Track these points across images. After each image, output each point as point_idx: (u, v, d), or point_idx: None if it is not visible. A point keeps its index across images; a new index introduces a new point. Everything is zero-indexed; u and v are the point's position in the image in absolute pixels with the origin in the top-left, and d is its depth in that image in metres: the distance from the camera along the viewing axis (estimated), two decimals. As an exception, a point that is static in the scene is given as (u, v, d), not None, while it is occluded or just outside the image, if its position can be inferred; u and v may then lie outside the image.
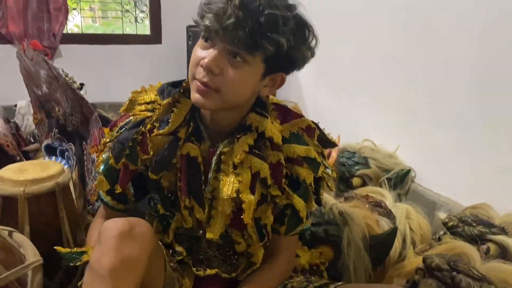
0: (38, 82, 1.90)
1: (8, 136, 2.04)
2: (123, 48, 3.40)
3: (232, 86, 0.85)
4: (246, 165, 0.93)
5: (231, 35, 0.80)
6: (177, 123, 0.94)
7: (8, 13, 2.98)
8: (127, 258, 0.81)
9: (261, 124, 0.93)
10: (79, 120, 1.71)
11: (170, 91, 0.98)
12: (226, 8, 0.80)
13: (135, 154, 0.96)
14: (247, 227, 0.95)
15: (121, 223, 0.84)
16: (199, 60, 0.86)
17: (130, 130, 0.97)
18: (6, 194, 1.23)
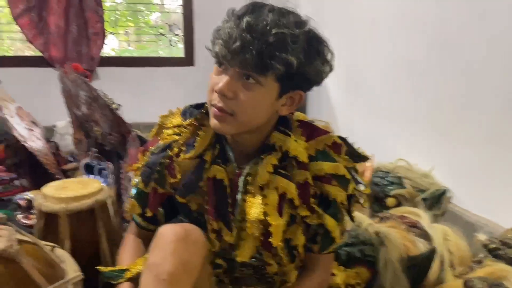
0: (78, 103, 1.98)
1: (49, 155, 2.12)
2: (158, 71, 3.49)
3: (246, 109, 0.85)
4: (272, 186, 0.92)
5: (239, 58, 0.81)
6: (202, 147, 0.95)
7: (50, 38, 3.13)
8: (185, 262, 0.83)
9: (284, 143, 0.92)
10: (117, 139, 1.76)
11: (192, 112, 0.99)
12: (233, 32, 0.81)
13: (163, 178, 0.98)
14: (277, 249, 0.94)
15: (178, 229, 0.86)
16: (213, 86, 0.87)
17: (157, 155, 0.99)
18: (49, 210, 1.27)
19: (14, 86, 2.48)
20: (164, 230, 0.88)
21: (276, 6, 0.85)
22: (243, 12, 0.83)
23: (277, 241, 0.91)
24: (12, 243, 0.94)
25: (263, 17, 0.81)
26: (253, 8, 0.84)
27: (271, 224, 0.90)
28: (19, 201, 1.85)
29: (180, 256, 0.83)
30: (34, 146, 2.03)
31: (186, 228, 0.88)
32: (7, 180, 2.12)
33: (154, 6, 3.93)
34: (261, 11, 0.82)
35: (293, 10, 0.87)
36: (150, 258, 0.86)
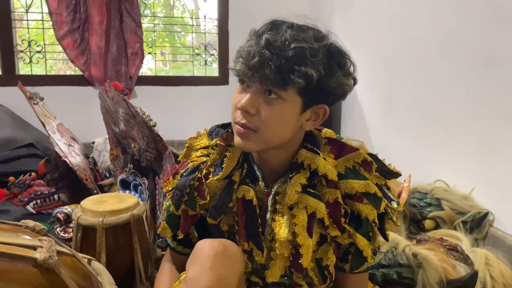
0: (117, 120, 2.04)
1: (87, 171, 2.18)
2: (193, 89, 3.57)
3: (269, 125, 0.85)
4: (301, 205, 0.90)
5: (259, 74, 0.82)
6: (230, 168, 0.95)
7: (91, 58, 3.26)
8: (223, 277, 0.84)
9: (313, 162, 0.91)
10: (153, 156, 1.79)
11: (218, 132, 1.00)
12: (252, 49, 0.82)
13: (193, 200, 0.98)
14: (308, 269, 0.93)
15: (216, 244, 0.87)
16: (236, 103, 0.88)
17: (187, 177, 0.99)
18: (87, 224, 1.30)
19: (56, 103, 2.57)
20: (202, 244, 0.88)
21: (295, 23, 0.86)
22: (262, 30, 0.85)
23: (307, 262, 0.90)
24: (51, 254, 0.95)
25: (282, 33, 0.82)
26: (272, 25, 0.86)
27: (301, 244, 0.89)
28: (58, 215, 1.90)
29: (218, 271, 0.84)
30: (73, 161, 2.09)
31: (224, 244, 0.89)
32: (46, 194, 2.18)
33: (190, 27, 4.03)
34: (280, 28, 0.84)
35: (313, 26, 0.87)
36: (187, 273, 0.86)
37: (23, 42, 3.38)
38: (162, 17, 4.10)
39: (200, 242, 0.89)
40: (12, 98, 2.97)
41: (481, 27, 1.82)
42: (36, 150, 2.77)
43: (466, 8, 1.91)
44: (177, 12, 4.55)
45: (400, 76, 2.49)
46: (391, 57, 2.58)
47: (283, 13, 0.92)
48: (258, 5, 3.37)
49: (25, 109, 2.67)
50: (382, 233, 0.98)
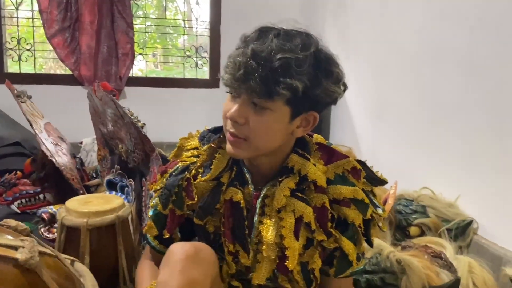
0: (105, 121, 2.02)
1: (74, 171, 2.16)
2: (183, 91, 3.56)
3: (258, 134, 0.86)
4: (289, 209, 0.92)
5: (245, 86, 0.82)
6: (219, 169, 0.96)
7: (81, 58, 3.24)
8: (193, 281, 0.83)
9: (303, 167, 0.92)
10: (140, 157, 1.78)
11: (210, 137, 1.01)
12: (238, 60, 0.82)
13: (181, 199, 0.99)
14: (293, 272, 0.93)
15: (188, 247, 0.87)
16: (226, 112, 0.89)
17: (176, 177, 1.00)
18: (71, 224, 1.29)
19: (44, 102, 2.55)
20: (174, 247, 0.89)
21: (284, 29, 0.86)
22: (250, 38, 0.86)
23: (293, 264, 0.90)
24: (33, 255, 0.94)
25: (268, 43, 0.82)
26: (259, 34, 0.85)
27: (287, 247, 0.90)
28: (42, 215, 1.88)
29: (188, 274, 0.84)
30: (60, 161, 2.07)
31: (196, 247, 0.89)
32: (32, 194, 2.16)
33: (182, 29, 4.03)
34: (266, 37, 0.84)
35: (302, 31, 0.88)
36: (159, 276, 0.86)
37: (13, 39, 3.35)
38: (154, 19, 4.09)
39: (172, 245, 0.90)
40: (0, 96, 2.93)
41: (471, 37, 1.85)
42: (22, 149, 2.73)
43: (457, 18, 1.93)
44: (170, 14, 4.54)
45: (390, 83, 2.51)
46: (381, 64, 2.60)
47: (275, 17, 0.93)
48: (251, 9, 3.38)
49: (12, 107, 2.65)
50: (367, 238, 0.99)
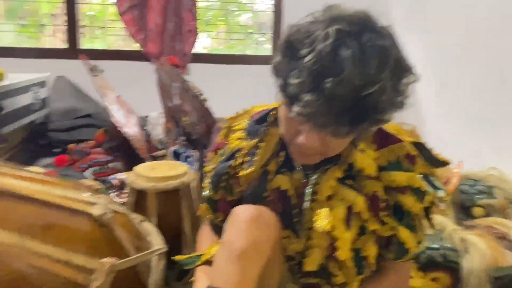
0: (171, 94, 2.11)
1: (142, 142, 2.28)
2: (245, 68, 3.59)
3: (334, 150, 0.82)
4: (338, 198, 0.89)
5: (321, 128, 0.73)
6: (264, 159, 0.95)
7: (149, 34, 3.36)
8: (257, 242, 0.85)
9: (350, 154, 0.88)
10: (203, 129, 1.85)
11: (257, 131, 0.98)
12: (315, 100, 0.69)
13: (230, 186, 1.00)
14: (345, 260, 0.91)
15: (252, 209, 0.88)
16: (294, 131, 0.80)
17: (223, 163, 1.00)
18: (139, 188, 1.37)
19: (114, 77, 2.68)
20: (238, 209, 0.90)
21: (358, 41, 0.70)
22: (323, 61, 0.69)
23: (344, 255, 0.89)
24: (107, 211, 1.02)
25: (347, 76, 0.68)
26: (332, 57, 0.69)
27: (338, 237, 0.88)
28: (112, 181, 2.01)
29: (252, 235, 0.85)
30: (129, 131, 2.19)
31: (260, 210, 0.90)
32: (104, 162, 2.31)
33: (245, 6, 4.04)
34: (344, 59, 0.68)
35: (375, 30, 0.73)
36: (225, 235, 0.89)
37: (86, 17, 3.53)
38: (218, -4, 4.13)
39: (237, 207, 0.91)
40: (75, 71, 3.13)
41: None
42: (94, 121, 2.92)
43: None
44: (233, -9, 4.57)
45: (456, 58, 2.39)
46: (446, 39, 2.48)
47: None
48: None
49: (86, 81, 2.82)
50: (428, 223, 0.95)
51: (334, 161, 0.90)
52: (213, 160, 1.06)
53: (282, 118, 0.84)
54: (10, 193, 0.92)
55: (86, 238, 0.99)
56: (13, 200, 0.92)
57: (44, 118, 2.95)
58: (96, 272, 0.93)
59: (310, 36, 0.72)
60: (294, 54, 0.73)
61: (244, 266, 0.83)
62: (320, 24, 0.72)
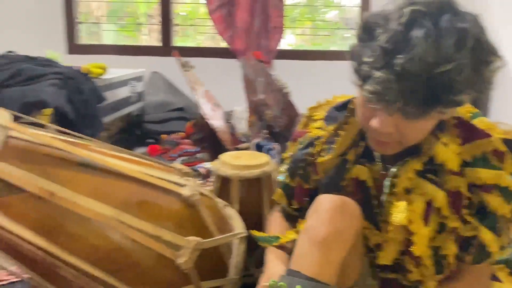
0: (256, 89, 2.17)
1: (227, 134, 2.38)
2: (329, 64, 3.56)
3: (412, 138, 0.80)
4: (418, 191, 0.86)
5: (393, 107, 0.72)
6: (343, 147, 0.93)
7: (236, 32, 3.47)
8: (339, 231, 0.85)
9: (432, 147, 0.84)
10: (285, 122, 1.88)
11: (336, 117, 0.97)
12: (387, 77, 0.70)
13: (307, 174, 1.00)
14: (423, 257, 0.88)
15: (336, 198, 0.88)
16: (368, 117, 0.80)
17: (302, 151, 1.00)
18: (224, 175, 1.43)
19: (204, 73, 2.82)
20: (322, 198, 0.90)
21: (434, 20, 0.70)
22: (395, 39, 0.70)
23: (420, 250, 0.86)
24: (195, 193, 1.09)
25: (419, 53, 0.68)
26: (404, 35, 0.70)
27: (415, 232, 0.85)
28: (199, 170, 2.13)
29: (335, 224, 0.85)
30: (216, 124, 2.30)
31: (344, 200, 0.89)
32: (192, 152, 2.45)
33: (332, 2, 4.01)
34: (416, 37, 0.69)
35: (454, 9, 0.72)
36: (307, 222, 0.90)
37: (179, 17, 3.74)
38: (305, -7, 4.14)
39: (320, 195, 0.91)
40: (168, 67, 3.34)
41: None
42: (185, 114, 3.10)
43: None
44: (320, -12, 4.55)
45: None
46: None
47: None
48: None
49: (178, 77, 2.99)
50: None
51: (414, 153, 0.87)
52: (291, 148, 1.08)
53: (358, 103, 0.84)
54: (111, 171, 1.02)
55: (175, 216, 1.07)
56: (113, 177, 1.02)
57: (139, 111, 3.19)
58: (183, 249, 1.00)
59: (385, 18, 0.73)
60: (369, 36, 0.74)
61: (325, 253, 0.83)
62: (397, 7, 0.73)
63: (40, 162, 0.92)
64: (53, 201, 0.88)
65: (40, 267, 0.92)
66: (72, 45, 3.61)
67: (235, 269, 1.14)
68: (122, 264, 0.96)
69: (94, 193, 0.95)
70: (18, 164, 0.88)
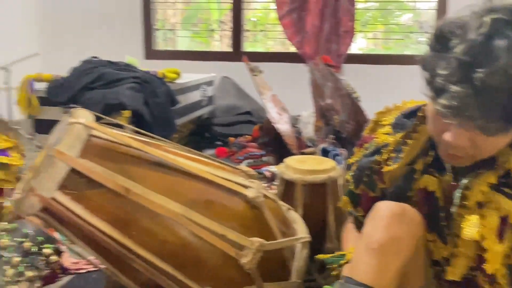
0: (323, 94, 2.16)
1: (293, 138, 2.39)
2: (401, 69, 3.45)
3: (487, 152, 0.77)
4: (492, 206, 0.81)
5: (470, 124, 0.69)
6: (411, 156, 0.91)
7: (306, 36, 3.47)
8: (397, 238, 0.83)
9: (508, 160, 0.80)
10: (353, 127, 1.86)
11: (404, 125, 0.94)
12: (464, 92, 0.66)
13: (373, 182, 0.97)
14: (496, 275, 0.83)
15: (394, 205, 0.87)
16: (440, 129, 0.78)
17: (368, 158, 0.98)
18: (288, 178, 1.45)
19: (272, 77, 2.85)
20: (380, 204, 0.89)
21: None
22: (474, 51, 0.67)
23: (492, 268, 0.81)
24: (259, 194, 1.11)
25: (502, 66, 0.64)
26: (485, 47, 0.66)
27: (487, 249, 0.81)
28: (265, 173, 2.15)
29: (393, 231, 0.83)
30: (282, 128, 2.31)
31: (403, 207, 0.87)
32: (257, 156, 2.49)
33: (406, 5, 3.88)
34: (499, 49, 0.65)
35: None
36: (364, 229, 0.89)
37: (249, 23, 3.82)
38: (377, -4, 4.05)
39: (379, 202, 0.90)
40: (238, 72, 3.42)
41: None
42: (252, 117, 3.16)
43: None
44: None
45: None
46: None
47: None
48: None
49: (246, 81, 3.05)
50: None
51: (488, 166, 0.83)
52: (357, 153, 1.06)
53: (429, 114, 0.81)
54: (182, 171, 1.06)
55: (239, 217, 1.09)
56: (183, 176, 1.07)
57: (209, 114, 3.30)
58: (246, 249, 1.02)
59: (463, 27, 0.70)
60: (443, 46, 0.72)
61: (381, 260, 0.82)
62: (475, 15, 0.70)
63: (118, 160, 0.99)
64: (128, 197, 0.94)
65: (114, 258, 0.98)
66: (149, 51, 3.82)
67: (297, 273, 1.15)
68: (188, 259, 1.01)
69: (165, 190, 0.99)
70: (99, 161, 0.95)
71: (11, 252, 1.17)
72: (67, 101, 2.20)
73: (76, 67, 2.43)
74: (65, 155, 0.89)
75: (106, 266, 1.03)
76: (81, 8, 3.81)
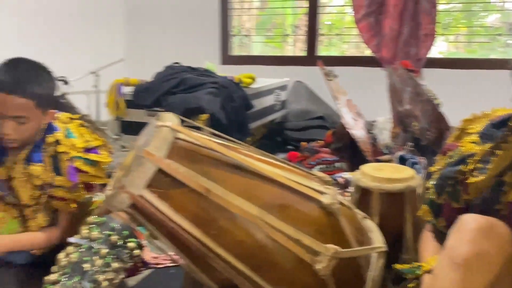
0: (402, 99, 2.09)
1: (368, 144, 2.33)
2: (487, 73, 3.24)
3: None
4: None
5: None
6: (500, 167, 0.86)
7: (383, 40, 3.39)
8: (482, 253, 0.80)
9: None
10: (434, 135, 1.78)
11: (492, 135, 0.90)
12: None
13: (457, 192, 0.94)
14: None
15: (483, 219, 0.84)
16: None
17: (452, 167, 0.94)
18: (364, 186, 1.42)
19: (347, 82, 2.81)
20: (467, 217, 0.86)
21: None
22: None
23: None
24: (335, 201, 1.11)
25: None
26: None
27: None
28: (338, 179, 2.13)
29: (478, 246, 0.80)
30: (356, 134, 2.27)
31: (490, 221, 0.83)
32: (330, 161, 2.46)
33: (493, 6, 3.64)
34: None
35: None
36: (448, 241, 0.86)
37: (324, 26, 3.79)
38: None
39: (465, 214, 0.86)
40: (311, 76, 3.41)
41: None
42: (325, 122, 3.13)
43: None
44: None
45: None
46: None
47: None
48: None
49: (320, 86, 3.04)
50: None
51: None
52: (440, 161, 1.03)
53: None
54: (258, 174, 1.09)
55: (314, 222, 1.09)
56: (259, 179, 1.09)
57: (282, 118, 3.32)
58: (321, 255, 1.02)
59: None
60: None
61: (466, 274, 0.79)
62: None
63: (200, 162, 1.03)
64: (209, 197, 0.98)
65: (194, 255, 1.03)
66: (226, 56, 3.93)
67: (372, 283, 1.12)
68: (263, 261, 1.02)
69: (243, 192, 1.02)
70: (183, 162, 1.00)
71: (100, 244, 1.26)
72: (151, 105, 2.34)
73: (159, 72, 2.58)
74: (153, 156, 0.95)
75: (186, 262, 1.08)
76: (161, 17, 4.04)
